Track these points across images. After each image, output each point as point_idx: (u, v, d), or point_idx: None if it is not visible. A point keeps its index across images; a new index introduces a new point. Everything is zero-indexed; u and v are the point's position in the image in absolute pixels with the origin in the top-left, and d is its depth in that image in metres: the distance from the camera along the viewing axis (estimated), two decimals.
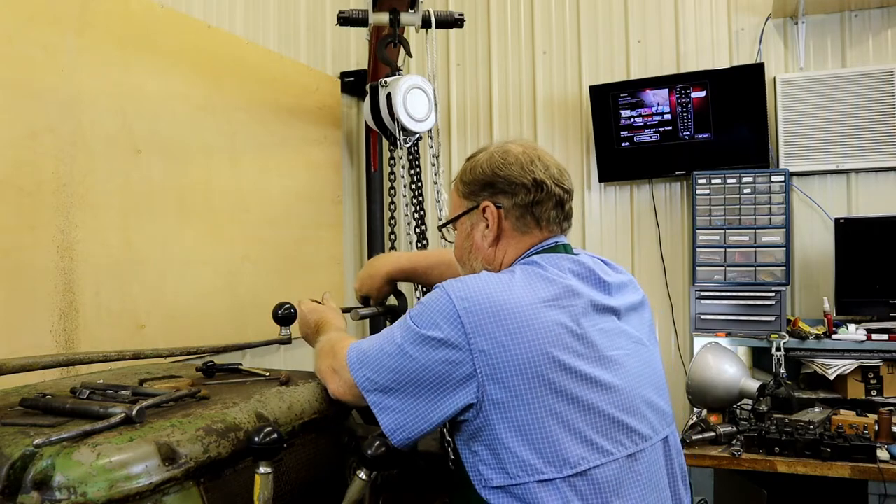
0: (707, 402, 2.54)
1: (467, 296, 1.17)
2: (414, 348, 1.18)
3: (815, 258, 3.05)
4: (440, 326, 1.16)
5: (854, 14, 3.03)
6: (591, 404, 1.16)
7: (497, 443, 1.15)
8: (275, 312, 1.65)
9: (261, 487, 1.07)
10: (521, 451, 1.13)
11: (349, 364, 1.26)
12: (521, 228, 1.34)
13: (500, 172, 1.32)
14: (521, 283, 1.21)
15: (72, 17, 2.02)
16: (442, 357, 1.16)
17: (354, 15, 2.27)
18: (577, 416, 1.14)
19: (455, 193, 1.42)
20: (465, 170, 1.39)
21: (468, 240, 1.39)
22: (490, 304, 1.16)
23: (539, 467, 1.12)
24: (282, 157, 2.92)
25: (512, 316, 1.15)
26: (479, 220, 1.36)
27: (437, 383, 1.17)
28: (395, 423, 1.20)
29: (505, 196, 1.32)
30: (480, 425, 1.17)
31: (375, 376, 1.22)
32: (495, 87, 3.60)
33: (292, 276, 2.96)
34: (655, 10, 3.33)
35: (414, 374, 1.18)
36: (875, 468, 2.10)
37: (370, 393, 1.22)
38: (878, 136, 2.92)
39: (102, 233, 2.09)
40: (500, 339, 1.14)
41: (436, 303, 1.19)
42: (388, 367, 1.21)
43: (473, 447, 1.19)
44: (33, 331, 1.89)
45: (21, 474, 0.94)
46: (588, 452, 1.14)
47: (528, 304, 1.17)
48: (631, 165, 3.25)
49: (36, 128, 1.91)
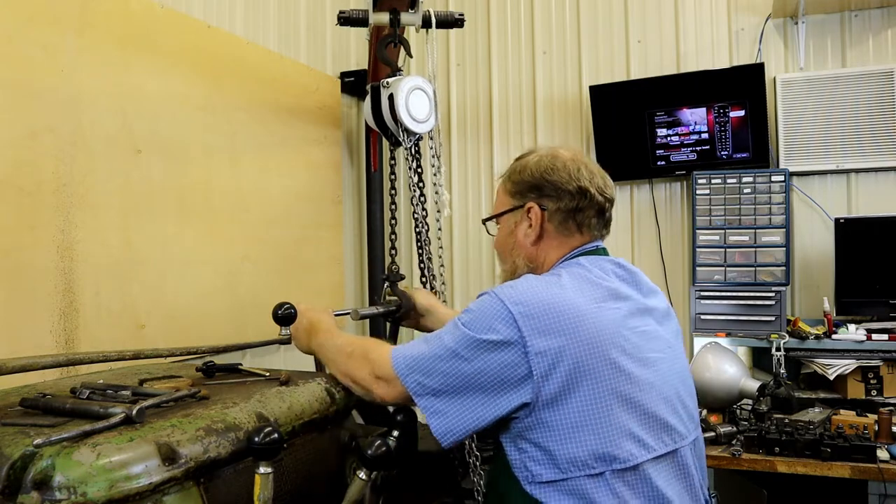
0: (707, 402, 2.54)
1: (521, 300, 1.22)
2: (469, 352, 1.21)
3: (815, 258, 3.05)
4: (497, 330, 1.20)
5: (854, 14, 3.03)
6: (637, 402, 1.21)
7: (548, 440, 1.19)
8: (275, 312, 1.65)
9: (261, 487, 1.07)
10: (572, 447, 1.18)
11: (397, 370, 1.28)
12: (562, 232, 1.41)
13: (548, 177, 1.39)
14: (569, 286, 1.26)
15: (72, 17, 2.02)
16: (498, 360, 1.19)
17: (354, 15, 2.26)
18: (625, 413, 1.20)
19: (502, 190, 1.49)
20: (515, 170, 1.46)
21: (511, 236, 1.45)
22: (543, 307, 1.21)
23: (590, 462, 1.17)
24: (282, 157, 2.92)
25: (565, 317, 1.20)
26: (524, 218, 1.42)
27: (493, 385, 1.20)
28: (447, 426, 1.23)
29: (550, 200, 1.39)
30: (531, 423, 1.20)
31: (428, 381, 1.25)
32: (495, 87, 3.60)
33: (292, 276, 2.96)
34: (655, 10, 3.33)
35: (469, 377, 1.21)
36: (875, 468, 2.10)
37: (422, 397, 1.25)
38: (878, 136, 2.92)
39: (102, 233, 2.09)
40: (555, 340, 1.18)
41: (489, 308, 1.23)
42: (441, 371, 1.24)
43: (520, 444, 1.23)
44: (33, 331, 1.89)
45: (21, 474, 0.94)
46: (635, 448, 1.19)
47: (579, 306, 1.23)
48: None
49: (36, 128, 1.91)
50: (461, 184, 3.66)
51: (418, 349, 1.29)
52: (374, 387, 1.35)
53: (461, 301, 3.61)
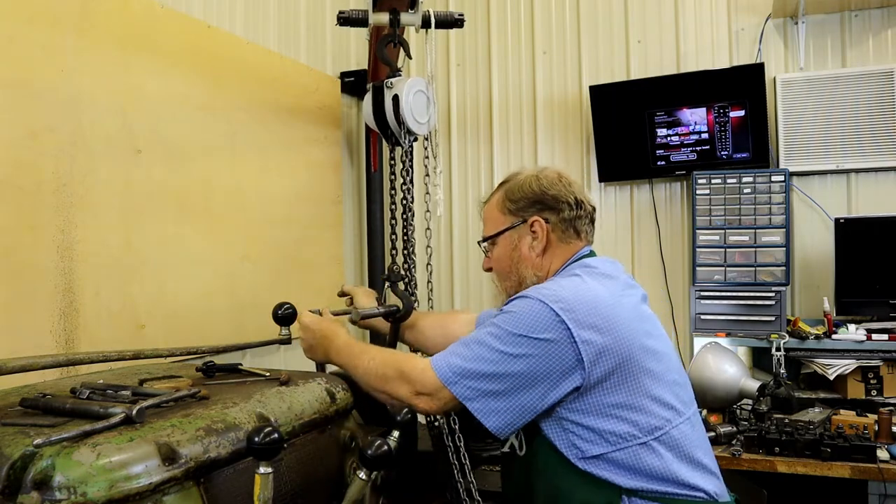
0: (707, 402, 2.54)
1: (559, 297, 1.33)
2: (521, 349, 1.30)
3: (815, 258, 3.05)
4: (547, 329, 1.30)
5: (854, 14, 3.03)
6: (665, 373, 1.38)
7: (594, 419, 1.31)
8: (275, 312, 1.66)
9: (261, 487, 1.07)
10: (616, 423, 1.31)
11: (444, 380, 1.34)
12: (565, 240, 1.53)
13: (549, 191, 1.52)
14: (592, 283, 1.39)
15: (72, 18, 2.02)
16: (550, 354, 1.29)
17: (354, 15, 2.26)
18: (659, 385, 1.35)
19: (496, 210, 1.58)
20: (511, 188, 1.56)
21: (515, 251, 1.54)
22: (580, 301, 1.33)
23: (634, 433, 1.31)
24: (282, 157, 2.92)
25: (600, 308, 1.33)
26: (526, 233, 1.53)
27: (546, 377, 1.30)
28: (503, 422, 1.32)
29: (551, 212, 1.52)
30: (578, 406, 1.32)
31: (479, 384, 1.32)
32: (495, 87, 3.60)
33: (292, 276, 2.96)
34: (655, 10, 3.33)
35: (523, 374, 1.30)
36: (875, 468, 2.10)
37: (472, 401, 1.32)
38: (878, 136, 2.92)
39: (102, 233, 2.09)
40: (598, 328, 1.31)
41: (531, 309, 1.32)
42: (492, 373, 1.31)
43: (565, 425, 1.34)
44: (33, 331, 1.89)
45: (21, 474, 0.94)
46: (670, 414, 1.35)
47: (606, 298, 1.36)
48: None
49: (36, 128, 1.91)
50: (461, 184, 3.66)
51: (461, 356, 1.35)
52: (416, 403, 1.39)
53: (461, 301, 3.61)
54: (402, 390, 1.41)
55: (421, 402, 1.38)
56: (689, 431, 1.37)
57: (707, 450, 1.42)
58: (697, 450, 1.37)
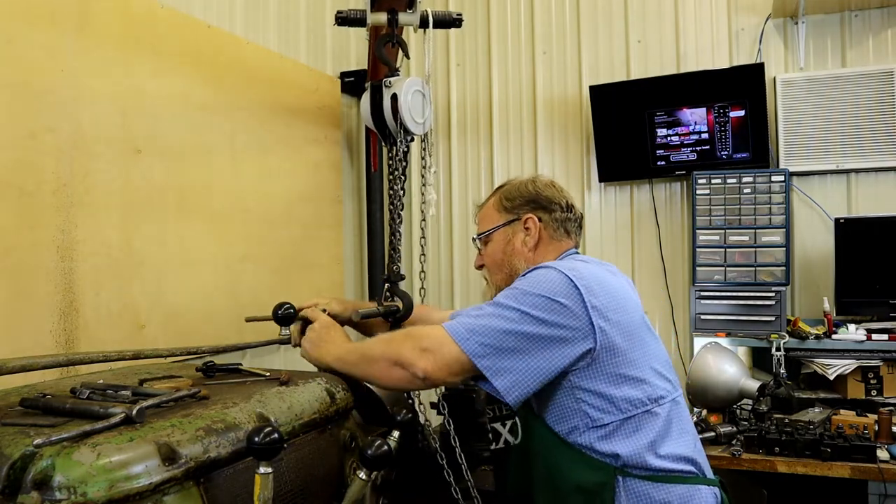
0: (707, 402, 2.54)
1: (572, 268, 1.42)
2: (536, 310, 1.35)
3: (815, 258, 3.05)
4: (562, 291, 1.36)
5: (854, 14, 3.03)
6: (659, 349, 1.49)
7: (608, 385, 1.37)
8: (275, 312, 1.65)
9: (261, 487, 1.07)
10: (628, 389, 1.38)
11: (455, 336, 1.35)
12: (556, 238, 1.64)
13: (543, 192, 1.65)
14: (594, 267, 1.49)
15: (72, 18, 2.02)
16: (564, 314, 1.35)
17: (352, 15, 2.26)
18: (656, 357, 1.46)
19: (492, 210, 1.69)
20: (509, 189, 1.68)
21: (508, 245, 1.64)
22: (590, 274, 1.42)
23: (643, 399, 1.39)
24: (282, 157, 2.92)
25: (606, 283, 1.43)
26: (520, 229, 1.63)
27: (559, 340, 1.35)
28: (512, 382, 1.34)
29: (544, 212, 1.63)
30: (591, 373, 1.37)
31: (491, 340, 1.34)
32: (495, 87, 3.60)
33: (292, 276, 2.96)
34: (655, 10, 3.33)
35: (537, 334, 1.34)
36: (875, 468, 2.10)
37: (483, 358, 1.33)
38: (878, 136, 2.92)
39: (102, 233, 2.09)
40: (607, 299, 1.39)
41: (548, 275, 1.41)
42: (506, 330, 1.34)
43: (578, 394, 1.39)
44: (33, 331, 1.89)
45: (21, 474, 0.94)
46: (668, 386, 1.45)
47: (611, 277, 1.48)
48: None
49: (36, 128, 1.91)
50: (461, 183, 3.66)
51: (474, 316, 1.39)
52: (419, 361, 1.36)
53: (461, 300, 3.61)
54: (405, 347, 1.39)
55: (423, 359, 1.35)
56: (681, 408, 1.47)
57: (694, 432, 1.51)
58: (688, 424, 1.48)
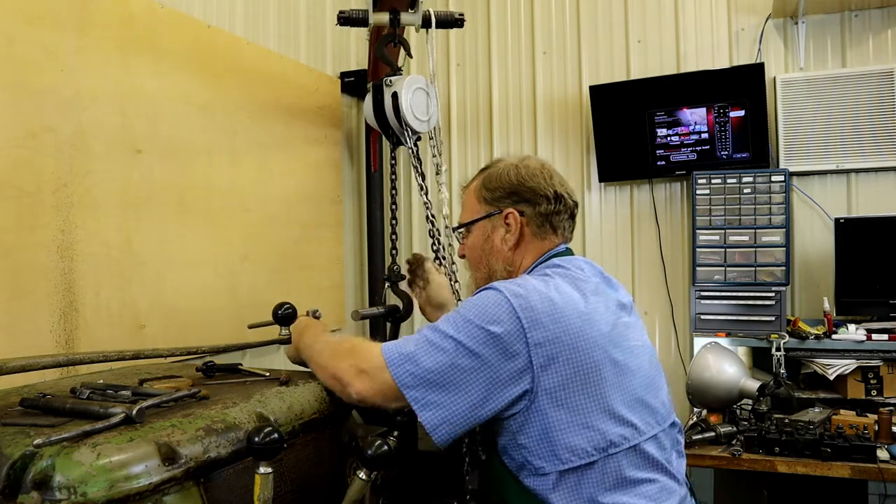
0: (707, 402, 2.54)
1: (521, 294, 1.25)
2: (471, 342, 1.22)
3: (815, 258, 3.05)
4: (500, 321, 1.22)
5: (854, 14, 3.03)
6: (628, 388, 1.28)
7: (548, 431, 1.22)
8: (275, 312, 1.65)
9: (261, 487, 1.07)
10: (571, 437, 1.22)
11: (388, 361, 1.25)
12: (539, 235, 1.46)
13: (526, 183, 1.45)
14: (563, 286, 1.29)
15: (72, 18, 2.02)
16: (499, 350, 1.21)
17: (355, 15, 2.26)
18: (618, 400, 1.25)
19: (473, 198, 1.52)
20: (489, 177, 1.49)
21: (487, 242, 1.48)
22: (543, 302, 1.24)
23: (588, 450, 1.22)
24: (282, 157, 2.92)
25: (563, 313, 1.24)
26: (500, 224, 1.46)
27: (492, 375, 1.21)
28: (440, 418, 1.22)
29: (528, 205, 1.45)
30: (529, 417, 1.23)
31: (421, 371, 1.23)
32: (495, 87, 3.60)
33: (292, 276, 2.96)
34: (655, 10, 3.33)
35: (468, 366, 1.21)
36: (875, 468, 2.10)
37: (412, 389, 1.23)
38: (878, 136, 2.92)
39: (102, 233, 2.09)
40: (555, 333, 1.22)
41: (491, 300, 1.25)
42: (438, 361, 1.22)
43: (520, 440, 1.25)
44: (33, 331, 1.89)
45: (21, 474, 0.94)
46: (628, 432, 1.26)
47: (575, 302, 1.27)
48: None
49: (36, 128, 1.91)
50: (461, 184, 3.66)
51: (407, 342, 1.28)
52: (352, 380, 1.30)
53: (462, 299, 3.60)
54: (344, 363, 1.33)
55: (358, 380, 1.28)
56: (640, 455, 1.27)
57: (675, 466, 1.34)
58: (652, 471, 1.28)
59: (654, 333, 3.31)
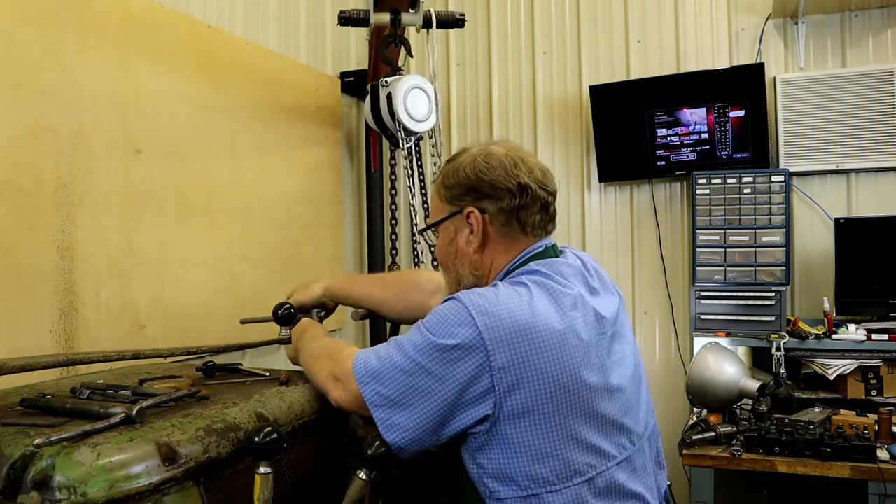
0: (707, 402, 2.54)
1: (488, 311, 1.15)
2: (431, 362, 1.15)
3: (815, 258, 3.05)
4: (457, 335, 1.14)
5: (854, 14, 3.03)
6: (601, 413, 1.18)
7: (507, 457, 1.15)
8: (275, 312, 1.65)
9: (261, 487, 1.07)
10: (531, 464, 1.14)
11: (357, 375, 1.21)
12: (506, 234, 1.32)
13: (484, 177, 1.29)
14: (539, 300, 1.18)
15: (72, 18, 2.02)
16: (460, 372, 1.14)
17: (355, 15, 2.27)
18: (588, 426, 1.17)
19: (437, 197, 1.39)
20: (447, 173, 1.36)
21: (452, 245, 1.35)
22: (514, 323, 1.14)
23: (551, 479, 1.14)
24: (282, 157, 2.92)
25: (536, 335, 1.14)
26: (463, 225, 1.33)
27: (452, 399, 1.15)
28: (403, 440, 1.17)
29: (489, 201, 1.30)
30: (490, 439, 1.16)
31: (385, 391, 1.18)
32: (495, 87, 3.60)
33: (292, 276, 2.95)
34: (655, 10, 3.33)
35: (429, 389, 1.15)
36: (875, 468, 2.10)
37: (378, 408, 1.18)
38: (878, 136, 2.92)
39: (102, 233, 2.09)
40: (522, 357, 1.13)
41: (453, 315, 1.16)
42: (400, 382, 1.17)
43: (479, 460, 1.19)
44: (33, 331, 1.89)
45: (21, 474, 0.94)
46: (596, 460, 1.17)
47: (549, 321, 1.16)
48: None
49: (36, 128, 1.91)
50: None
51: (378, 354, 1.22)
52: (329, 387, 1.28)
53: None
54: (323, 370, 1.30)
55: (335, 389, 1.26)
56: (616, 476, 1.20)
57: (647, 485, 1.26)
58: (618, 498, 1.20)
59: (654, 333, 3.31)
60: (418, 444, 1.18)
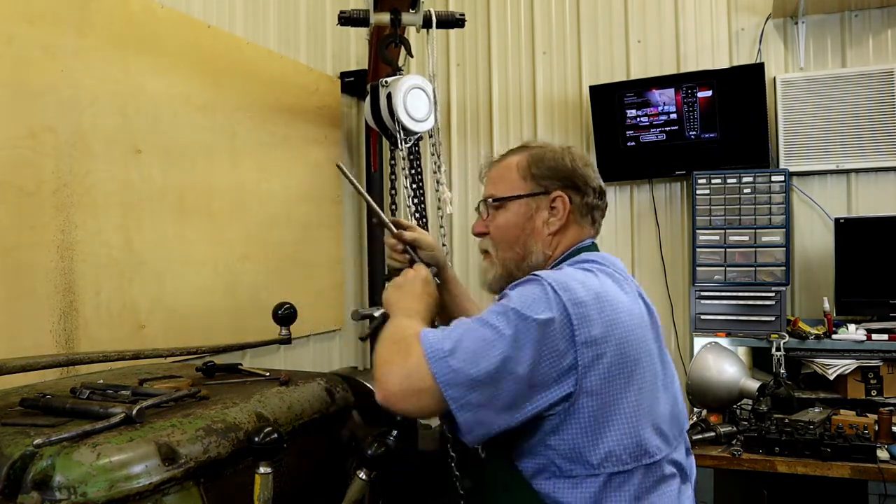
0: (707, 402, 2.54)
1: (569, 287, 1.17)
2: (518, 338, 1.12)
3: (815, 258, 3.05)
4: (545, 312, 1.14)
5: (854, 14, 3.03)
6: (667, 396, 1.25)
7: (582, 435, 1.16)
8: (275, 312, 1.65)
9: (261, 487, 1.07)
10: (607, 441, 1.16)
11: (428, 356, 1.13)
12: (580, 224, 1.40)
13: (580, 171, 1.39)
14: (607, 281, 1.24)
15: (72, 18, 2.02)
16: (547, 347, 1.13)
17: (356, 15, 2.26)
18: (659, 405, 1.22)
19: (515, 173, 1.40)
20: (537, 156, 1.41)
21: (529, 221, 1.38)
22: (592, 296, 1.18)
23: (623, 458, 1.17)
24: (282, 157, 2.92)
25: (611, 307, 1.18)
26: (545, 207, 1.38)
27: (538, 375, 1.13)
28: (477, 419, 1.12)
29: (577, 193, 1.39)
30: (567, 419, 1.16)
31: (464, 366, 1.11)
32: (495, 87, 3.59)
33: (292, 276, 2.96)
34: (655, 10, 3.33)
35: (514, 364, 1.12)
36: (875, 468, 2.10)
37: (453, 387, 1.11)
38: (878, 136, 2.92)
39: (102, 233, 2.09)
40: (601, 330, 1.16)
41: (539, 292, 1.17)
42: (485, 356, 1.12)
43: (549, 441, 1.18)
44: (33, 331, 1.89)
45: (21, 474, 0.94)
46: (661, 442, 1.21)
47: (621, 297, 1.22)
48: (636, 165, 3.25)
49: (36, 128, 1.91)
50: (461, 183, 3.66)
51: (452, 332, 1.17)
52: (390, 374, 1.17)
53: None
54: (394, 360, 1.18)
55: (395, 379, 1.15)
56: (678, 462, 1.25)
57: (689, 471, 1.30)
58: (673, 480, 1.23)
59: None
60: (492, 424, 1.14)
